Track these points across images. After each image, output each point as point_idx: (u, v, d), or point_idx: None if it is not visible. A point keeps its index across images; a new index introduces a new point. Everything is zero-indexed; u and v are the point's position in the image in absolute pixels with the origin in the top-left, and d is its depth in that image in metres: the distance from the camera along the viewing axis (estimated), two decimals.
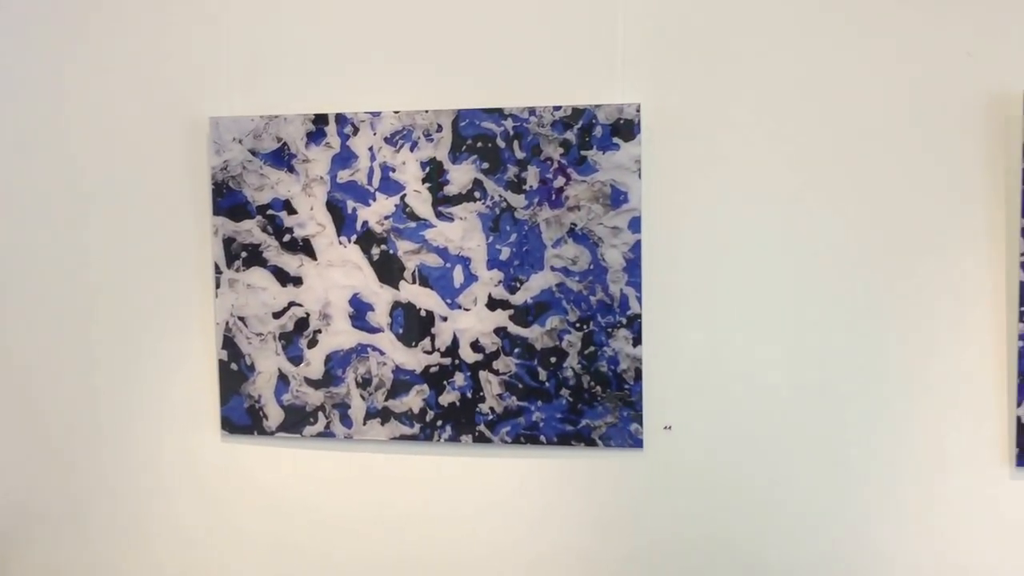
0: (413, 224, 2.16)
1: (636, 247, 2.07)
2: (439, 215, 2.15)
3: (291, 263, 2.21)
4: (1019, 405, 1.94)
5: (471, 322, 2.15)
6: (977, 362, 1.96)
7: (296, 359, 2.22)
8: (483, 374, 2.16)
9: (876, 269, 1.99)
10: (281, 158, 2.19)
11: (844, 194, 2.00)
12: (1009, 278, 1.94)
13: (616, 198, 2.08)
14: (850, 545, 2.04)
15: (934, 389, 1.98)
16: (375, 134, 2.15)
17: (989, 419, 1.96)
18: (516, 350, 2.14)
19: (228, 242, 2.23)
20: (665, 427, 2.10)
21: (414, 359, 2.18)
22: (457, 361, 2.16)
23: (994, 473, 1.97)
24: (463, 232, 2.14)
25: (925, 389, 1.99)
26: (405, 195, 2.16)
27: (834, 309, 2.01)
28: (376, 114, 2.15)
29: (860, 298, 2.00)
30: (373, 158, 2.16)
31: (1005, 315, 1.94)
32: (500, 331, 2.14)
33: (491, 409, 2.16)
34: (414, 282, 2.17)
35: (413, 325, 2.17)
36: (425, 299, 2.17)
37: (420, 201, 2.15)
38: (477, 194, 2.13)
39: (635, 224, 2.07)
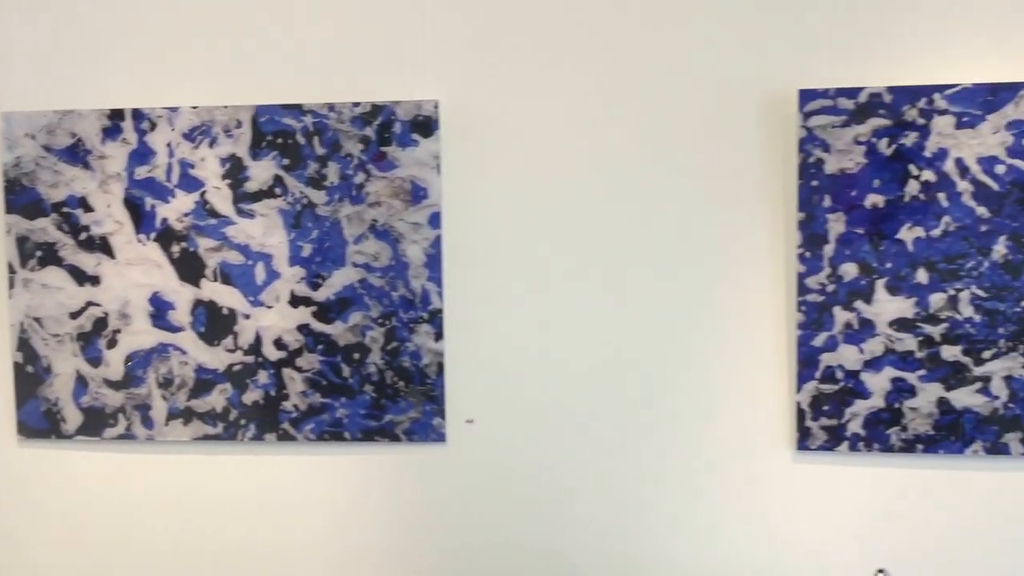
0: (214, 221, 2.13)
1: (436, 242, 2.09)
2: (240, 212, 2.13)
3: (88, 262, 2.16)
4: (798, 391, 2.02)
5: (274, 319, 2.13)
6: (760, 350, 2.03)
7: (95, 360, 2.17)
8: (287, 371, 2.14)
9: (665, 262, 2.05)
10: (76, 154, 2.14)
11: (633, 190, 2.05)
12: (788, 269, 2.01)
13: (416, 194, 2.09)
14: (645, 533, 2.08)
15: (721, 377, 2.04)
16: (173, 130, 2.12)
17: (772, 405, 2.03)
18: (319, 347, 2.13)
19: (22, 241, 2.17)
20: (467, 421, 2.12)
21: (216, 358, 2.15)
22: (260, 359, 2.14)
23: (777, 457, 2.04)
24: (264, 229, 2.13)
25: (713, 377, 2.05)
26: (205, 192, 2.13)
27: (626, 302, 2.06)
28: (174, 110, 2.12)
29: (650, 291, 2.05)
30: (172, 154, 2.13)
31: (784, 305, 2.02)
32: (303, 328, 2.13)
33: (295, 406, 2.14)
34: (215, 280, 2.14)
35: (215, 323, 2.14)
36: (227, 297, 2.14)
37: (220, 198, 2.13)
38: (278, 190, 2.12)
39: (435, 220, 2.09)
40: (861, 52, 1.98)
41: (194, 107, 2.12)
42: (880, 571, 1.58)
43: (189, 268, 2.14)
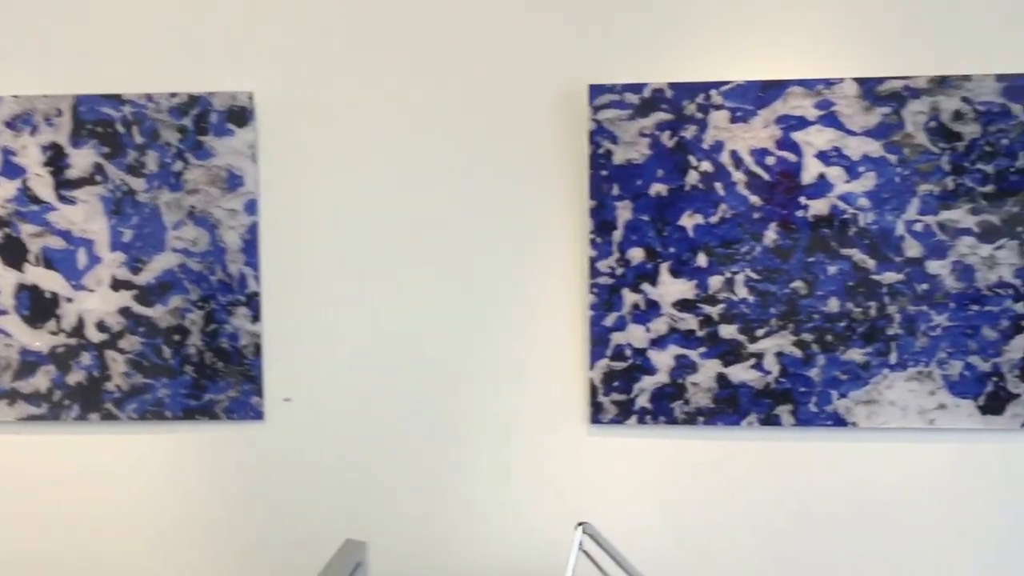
0: (36, 207, 2.20)
1: (252, 229, 2.18)
2: (61, 199, 2.20)
3: None
4: (591, 368, 2.15)
5: (96, 303, 2.20)
6: (558, 331, 2.16)
7: None
8: (109, 353, 2.21)
9: (470, 249, 2.16)
10: None
11: (439, 181, 2.16)
12: (582, 254, 2.14)
13: (232, 182, 2.18)
14: (452, 506, 2.20)
15: (523, 357, 2.16)
16: None
17: (568, 382, 2.16)
18: (141, 329, 2.21)
19: None
20: (284, 399, 2.21)
21: (40, 340, 2.21)
22: (83, 341, 2.21)
23: (572, 430, 2.17)
24: (86, 215, 2.20)
25: (516, 357, 2.17)
26: (27, 179, 2.19)
27: (435, 287, 2.17)
28: None
29: (457, 276, 2.17)
30: None
31: (580, 288, 2.15)
32: (125, 311, 2.21)
33: (118, 387, 2.22)
34: (38, 264, 2.20)
35: (38, 307, 2.21)
36: (50, 281, 2.21)
37: (42, 185, 2.19)
38: (98, 178, 2.19)
39: (251, 207, 2.18)
40: (647, 50, 2.11)
41: (15, 96, 2.18)
42: (580, 523, 1.71)
43: (12, 253, 2.20)
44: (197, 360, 2.21)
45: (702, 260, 2.11)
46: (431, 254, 2.17)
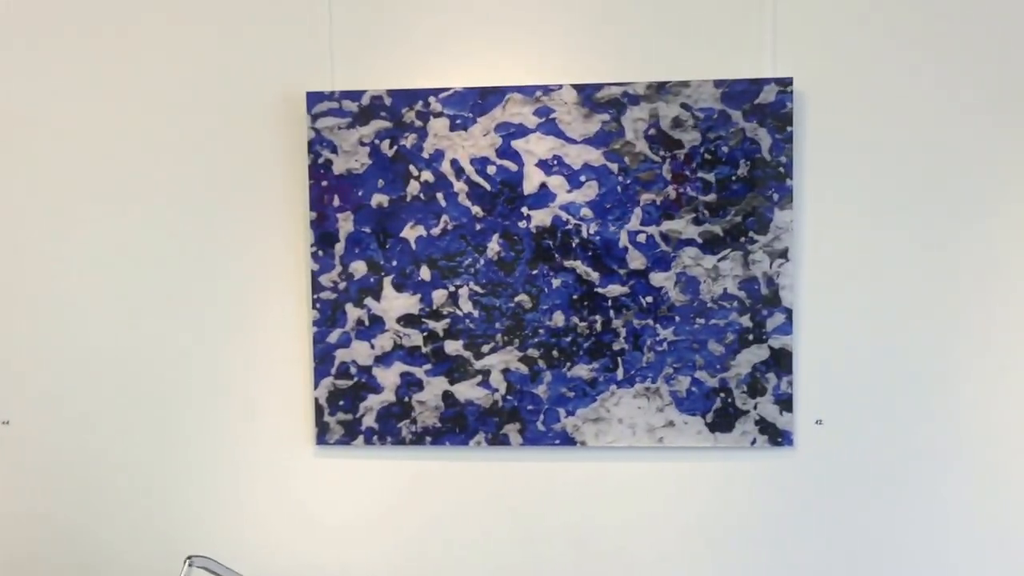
0: None
1: None
2: None
3: None
4: (316, 387, 2.06)
5: None
6: (283, 348, 2.07)
7: None
8: None
9: (189, 265, 2.08)
10: None
11: (154, 193, 2.08)
12: (304, 268, 2.06)
13: None
14: (185, 526, 2.10)
15: (248, 376, 2.08)
16: None
17: (295, 402, 2.07)
18: None
19: None
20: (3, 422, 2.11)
21: None
22: None
23: (300, 452, 2.08)
24: None
25: (241, 376, 2.08)
26: None
27: (156, 303, 2.08)
28: None
29: (177, 293, 2.08)
30: None
31: (303, 303, 2.06)
32: None
33: None
34: None
35: None
36: None
37: None
38: None
39: None
40: (367, 56, 2.04)
41: None
42: (189, 558, 1.62)
43: None
44: None
45: (425, 273, 2.03)
46: (147, 270, 2.09)
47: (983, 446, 1.95)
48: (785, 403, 1.98)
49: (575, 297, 2.01)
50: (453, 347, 2.04)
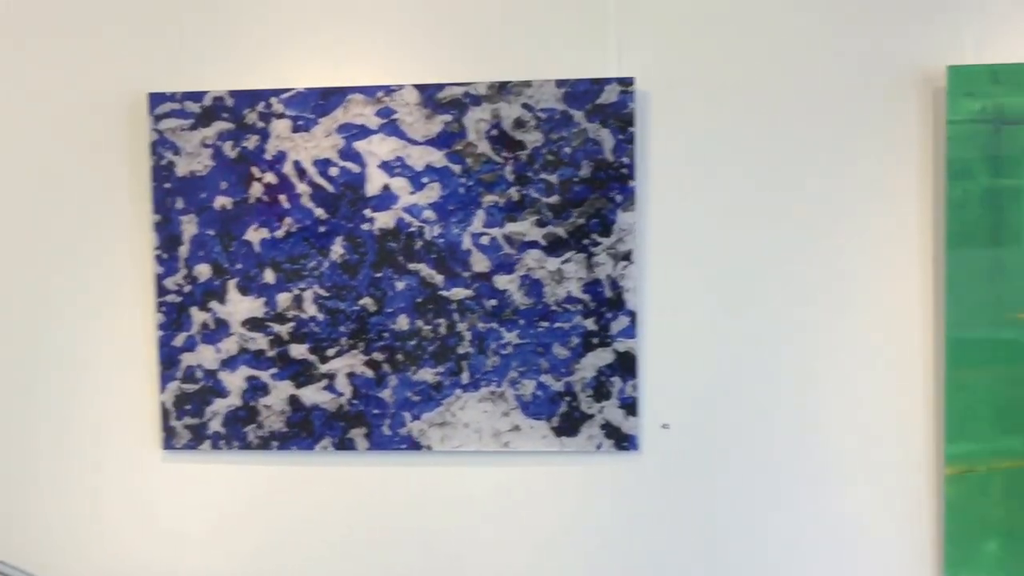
0: None
1: None
2: None
3: None
4: (162, 391, 2.04)
5: None
6: (130, 353, 2.05)
7: None
8: None
9: (37, 269, 2.05)
10: None
11: (4, 195, 2.05)
12: (150, 270, 2.03)
13: None
14: (27, 536, 2.08)
15: (96, 381, 2.05)
16: None
17: (142, 406, 2.05)
18: None
19: None
20: None
21: None
22: None
23: (148, 457, 2.06)
24: None
25: (89, 383, 2.05)
26: None
27: (7, 304, 2.06)
28: None
29: (29, 297, 2.05)
30: None
31: (148, 306, 2.04)
32: None
33: None
34: None
35: None
36: None
37: None
38: None
39: None
40: (209, 56, 2.01)
41: None
42: None
43: None
44: None
45: (270, 276, 2.01)
46: (18, 270, 2.06)
47: (823, 448, 1.93)
48: (630, 407, 1.95)
49: (419, 300, 1.98)
50: (298, 351, 2.01)
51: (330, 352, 2.01)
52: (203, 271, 2.02)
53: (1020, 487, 1.85)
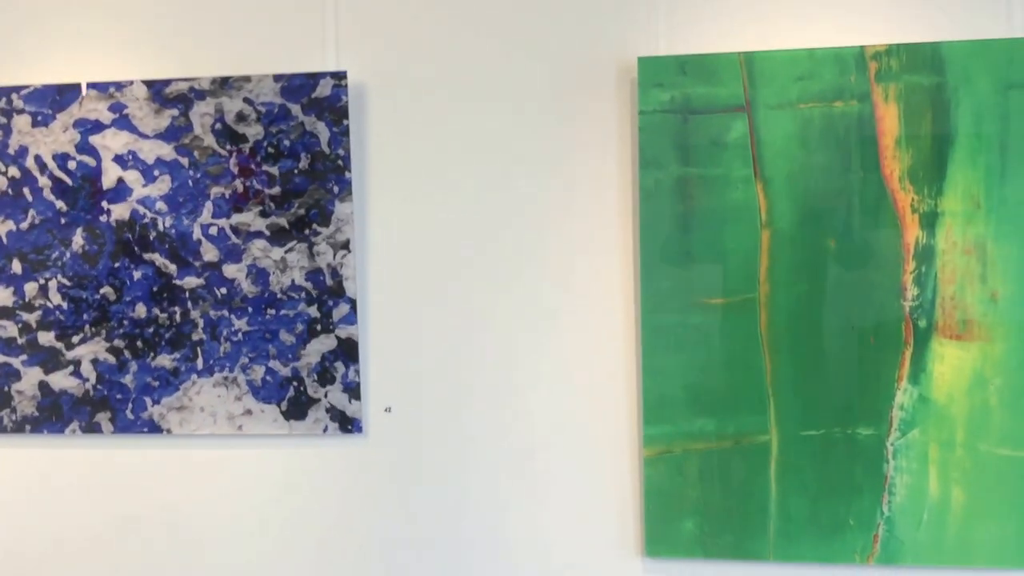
0: None
1: None
2: None
3: None
4: None
5: None
6: None
7: None
8: None
9: None
10: None
11: None
12: None
13: None
14: None
15: None
16: None
17: None
18: None
19: None
20: None
21: None
22: None
23: None
24: None
25: None
26: None
27: None
28: None
29: None
30: None
31: None
32: None
33: None
34: None
35: None
36: None
37: None
38: None
39: None
40: None
41: None
42: None
43: None
44: None
45: (17, 267, 2.09)
46: None
47: (532, 433, 1.98)
48: (354, 391, 2.02)
49: (155, 289, 2.06)
50: (46, 338, 2.10)
51: (75, 339, 2.09)
52: None
53: (714, 468, 1.89)
